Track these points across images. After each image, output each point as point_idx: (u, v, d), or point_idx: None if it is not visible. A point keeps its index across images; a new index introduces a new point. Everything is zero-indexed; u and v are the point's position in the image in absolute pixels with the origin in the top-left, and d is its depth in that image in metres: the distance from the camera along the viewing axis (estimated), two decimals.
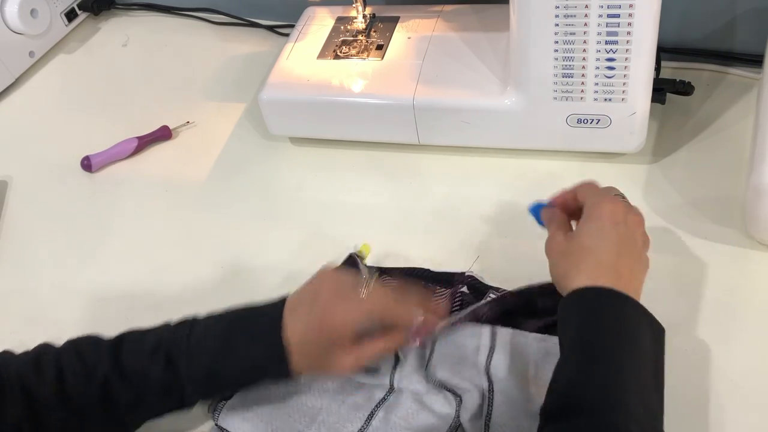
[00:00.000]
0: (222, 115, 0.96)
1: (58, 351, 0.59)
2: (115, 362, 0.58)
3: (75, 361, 0.58)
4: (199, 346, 0.58)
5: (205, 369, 0.58)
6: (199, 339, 0.59)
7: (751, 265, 0.68)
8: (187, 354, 0.58)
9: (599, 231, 0.56)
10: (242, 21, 1.11)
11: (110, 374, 0.57)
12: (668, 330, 0.64)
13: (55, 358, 0.58)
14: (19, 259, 0.83)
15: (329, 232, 0.79)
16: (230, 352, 0.58)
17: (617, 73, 0.71)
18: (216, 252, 0.79)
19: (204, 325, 0.60)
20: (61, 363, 0.58)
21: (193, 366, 0.57)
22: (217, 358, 0.58)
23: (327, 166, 0.87)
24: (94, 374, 0.57)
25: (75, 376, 0.57)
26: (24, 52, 1.08)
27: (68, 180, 0.91)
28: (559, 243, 0.58)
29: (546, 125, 0.77)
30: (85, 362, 0.58)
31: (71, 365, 0.57)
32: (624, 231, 0.56)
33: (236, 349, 0.58)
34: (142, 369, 0.58)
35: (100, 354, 0.58)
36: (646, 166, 0.79)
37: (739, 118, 0.82)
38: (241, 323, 0.60)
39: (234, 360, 0.58)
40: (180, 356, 0.58)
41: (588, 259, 0.55)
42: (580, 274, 0.54)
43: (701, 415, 0.59)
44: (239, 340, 0.58)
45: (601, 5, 0.67)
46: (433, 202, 0.80)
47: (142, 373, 0.57)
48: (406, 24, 0.90)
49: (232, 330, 0.59)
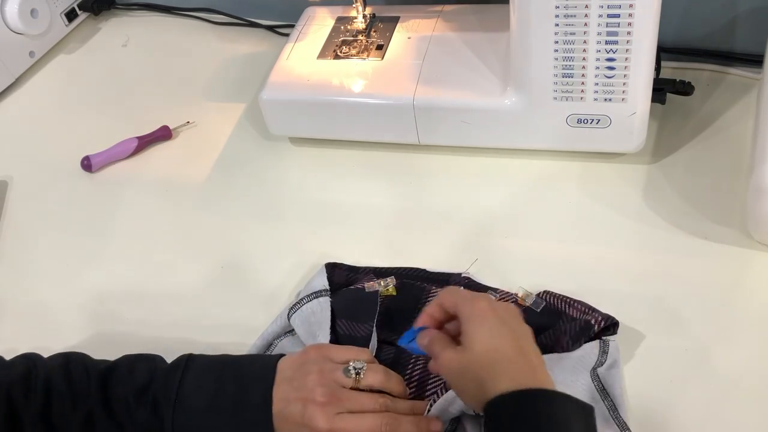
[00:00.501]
0: (222, 115, 0.96)
1: (48, 372, 0.59)
2: (103, 395, 0.58)
3: (63, 385, 0.58)
4: (187, 400, 0.58)
5: (189, 427, 0.57)
6: (188, 393, 0.58)
7: (751, 265, 0.68)
8: (174, 406, 0.57)
9: (490, 329, 0.52)
10: (242, 21, 1.11)
11: (96, 408, 0.57)
12: (668, 330, 0.65)
13: (45, 380, 0.58)
14: (19, 259, 0.83)
15: (329, 232, 0.79)
16: (217, 415, 0.57)
17: (617, 73, 0.71)
18: (216, 252, 0.79)
19: (195, 374, 0.59)
20: (50, 385, 0.58)
21: (179, 420, 0.57)
22: (204, 419, 0.57)
23: (327, 166, 0.87)
24: (80, 404, 0.57)
25: (62, 402, 0.57)
26: (24, 52, 1.08)
27: (68, 180, 0.91)
28: (453, 359, 0.53)
29: (546, 125, 0.77)
30: (73, 389, 0.58)
31: (59, 389, 0.58)
32: (513, 324, 0.53)
33: (223, 414, 0.57)
34: (128, 409, 0.57)
35: (90, 383, 0.58)
36: (646, 166, 0.79)
37: (739, 118, 0.82)
38: (232, 386, 0.58)
39: (219, 425, 0.57)
40: (167, 406, 0.57)
41: (498, 361, 0.51)
42: (498, 377, 0.50)
43: (701, 415, 0.59)
44: (228, 405, 0.58)
45: (601, 5, 0.67)
46: (433, 202, 0.80)
47: (128, 413, 0.57)
48: (406, 24, 0.90)
49: (222, 392, 0.58)
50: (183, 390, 0.58)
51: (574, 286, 0.67)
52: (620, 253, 0.71)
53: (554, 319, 0.65)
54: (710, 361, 0.62)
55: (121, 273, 0.79)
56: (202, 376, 0.59)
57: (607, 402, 0.59)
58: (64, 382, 0.58)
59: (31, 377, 0.58)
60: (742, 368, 0.61)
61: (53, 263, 0.82)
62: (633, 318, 0.64)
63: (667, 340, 0.64)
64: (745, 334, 0.63)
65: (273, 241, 0.79)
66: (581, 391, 0.60)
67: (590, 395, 0.60)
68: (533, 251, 0.73)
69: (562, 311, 0.65)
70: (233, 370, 0.60)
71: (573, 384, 0.60)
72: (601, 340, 0.61)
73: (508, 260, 0.72)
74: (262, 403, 0.57)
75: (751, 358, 0.62)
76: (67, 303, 0.77)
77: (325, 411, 0.56)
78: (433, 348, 0.56)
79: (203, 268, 0.78)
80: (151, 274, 0.78)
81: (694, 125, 0.82)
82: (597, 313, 0.63)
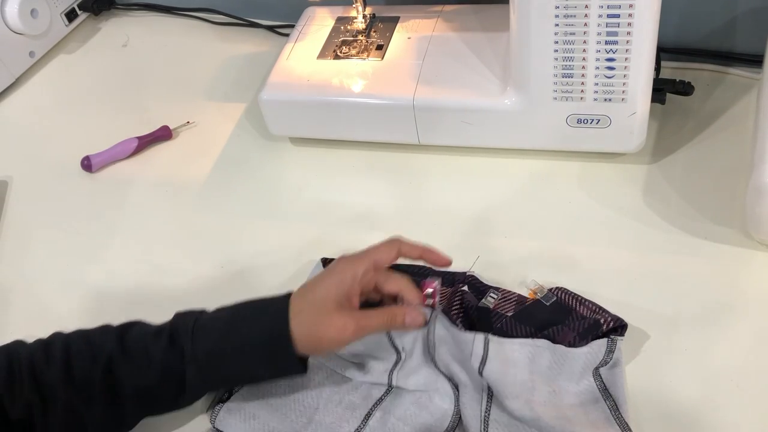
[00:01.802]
0: (222, 115, 0.96)
1: (68, 336, 0.61)
2: (120, 342, 0.59)
3: (82, 344, 0.59)
4: (204, 329, 0.59)
5: (208, 349, 0.58)
6: (205, 323, 0.60)
7: (751, 265, 0.68)
8: (191, 336, 0.59)
9: None
10: (242, 21, 1.11)
11: (114, 352, 0.58)
12: (668, 330, 0.65)
13: (64, 343, 0.59)
14: (19, 259, 0.83)
15: (329, 232, 0.79)
16: (234, 332, 0.59)
17: (617, 73, 0.71)
18: (216, 252, 0.79)
19: (212, 313, 0.61)
20: (69, 346, 0.59)
21: (197, 346, 0.58)
22: (221, 339, 0.58)
23: (327, 166, 0.87)
24: (99, 354, 0.58)
25: (81, 357, 0.58)
26: (24, 52, 1.08)
27: (68, 180, 0.91)
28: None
29: (546, 125, 0.77)
30: (92, 344, 0.59)
31: (78, 348, 0.59)
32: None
33: (240, 329, 0.59)
34: (146, 347, 0.58)
35: (107, 336, 0.60)
36: (646, 166, 0.79)
37: (739, 118, 0.82)
38: (248, 308, 0.61)
39: (237, 339, 0.58)
40: (185, 337, 0.58)
41: None
42: None
43: (701, 415, 0.59)
44: (244, 321, 0.59)
45: (601, 5, 0.67)
46: (433, 202, 0.80)
47: (145, 351, 0.58)
48: (406, 24, 0.90)
49: (238, 313, 0.60)
50: (199, 322, 0.60)
51: (574, 286, 0.67)
52: (620, 253, 0.71)
53: (563, 315, 0.65)
54: (710, 361, 0.62)
55: (121, 273, 0.79)
56: (218, 311, 0.61)
57: (609, 402, 0.59)
58: (83, 340, 0.60)
59: (50, 345, 0.59)
60: (742, 368, 0.61)
61: (53, 263, 0.82)
62: (633, 318, 0.64)
63: (666, 340, 0.64)
64: (744, 334, 0.63)
65: (273, 241, 0.79)
66: (584, 391, 0.60)
67: (592, 395, 0.60)
68: (533, 251, 0.73)
69: (572, 308, 0.65)
70: (249, 300, 0.62)
71: (577, 385, 0.61)
72: (609, 338, 0.61)
73: (508, 260, 0.72)
74: (280, 310, 0.59)
75: (751, 357, 0.62)
76: (67, 303, 0.77)
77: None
78: None
79: (203, 268, 0.78)
80: (151, 274, 0.78)
81: (694, 125, 0.82)
82: (606, 314, 0.63)
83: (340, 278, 0.60)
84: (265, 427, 0.61)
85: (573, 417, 0.59)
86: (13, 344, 0.60)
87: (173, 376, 0.58)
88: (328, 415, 0.62)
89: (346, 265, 0.61)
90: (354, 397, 0.63)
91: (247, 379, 0.63)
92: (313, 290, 0.60)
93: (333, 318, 0.58)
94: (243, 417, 0.62)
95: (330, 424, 0.61)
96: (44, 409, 0.57)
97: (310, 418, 0.62)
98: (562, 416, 0.58)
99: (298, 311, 0.58)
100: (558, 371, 0.61)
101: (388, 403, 0.62)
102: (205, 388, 0.61)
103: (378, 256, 0.62)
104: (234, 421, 0.62)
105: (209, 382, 0.61)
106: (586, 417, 0.59)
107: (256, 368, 0.60)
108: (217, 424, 0.62)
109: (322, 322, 0.58)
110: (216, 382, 0.61)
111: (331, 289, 0.59)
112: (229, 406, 0.63)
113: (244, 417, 0.62)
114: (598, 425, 0.58)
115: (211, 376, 0.59)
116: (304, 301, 0.59)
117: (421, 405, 0.62)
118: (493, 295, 0.68)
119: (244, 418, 0.62)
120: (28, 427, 0.56)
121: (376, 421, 0.61)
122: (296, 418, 0.62)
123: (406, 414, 0.61)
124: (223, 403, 0.63)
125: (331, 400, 0.63)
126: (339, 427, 0.61)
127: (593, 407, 0.59)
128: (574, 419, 0.58)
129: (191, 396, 0.60)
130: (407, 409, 0.61)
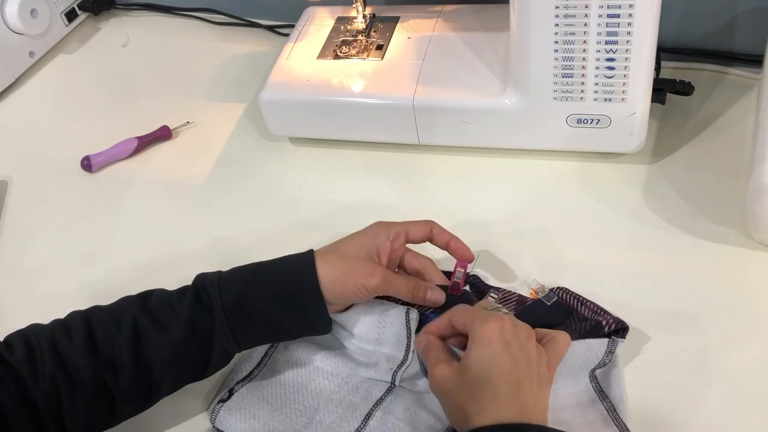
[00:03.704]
0: (222, 115, 0.96)
1: (87, 311, 0.60)
2: (144, 305, 0.59)
3: (103, 315, 0.59)
4: (231, 280, 0.60)
5: (235, 299, 0.58)
6: (230, 275, 0.60)
7: (751, 265, 0.68)
8: (217, 286, 0.59)
9: (491, 357, 0.51)
10: (242, 21, 1.11)
11: (139, 316, 0.58)
12: (668, 330, 0.65)
13: (84, 316, 0.59)
14: (19, 259, 0.83)
15: (329, 232, 0.79)
16: (262, 280, 0.59)
17: (617, 73, 0.71)
18: (216, 252, 0.79)
19: (234, 268, 0.61)
20: (90, 318, 0.59)
21: (225, 297, 0.58)
22: (249, 287, 0.59)
23: (327, 166, 0.87)
24: (122, 320, 0.58)
25: (104, 327, 0.58)
26: (24, 52, 1.08)
27: (68, 180, 0.91)
28: (447, 378, 0.53)
29: (546, 125, 0.77)
30: (114, 314, 0.59)
31: (99, 318, 0.58)
32: (517, 351, 0.52)
33: (268, 277, 0.59)
34: (171, 306, 0.59)
35: (129, 303, 0.59)
36: (646, 166, 0.79)
37: (739, 118, 0.82)
38: (273, 261, 0.61)
39: (263, 285, 0.59)
40: (211, 290, 0.59)
41: (487, 393, 0.50)
42: (483, 412, 0.49)
43: (701, 415, 0.59)
44: (273, 269, 0.60)
45: (601, 5, 0.67)
46: (432, 201, 0.80)
47: (171, 309, 0.58)
48: (406, 24, 0.90)
49: (265, 265, 0.61)
50: (224, 274, 0.60)
51: (573, 286, 0.67)
52: (620, 253, 0.71)
53: (564, 315, 0.65)
54: (710, 361, 0.62)
55: (121, 273, 0.79)
56: (238, 267, 0.62)
57: (606, 403, 0.59)
58: (103, 313, 0.59)
59: (69, 321, 0.59)
60: (742, 368, 0.61)
61: (53, 263, 0.82)
62: (632, 318, 0.64)
63: (666, 340, 0.64)
64: (744, 334, 0.63)
65: (273, 241, 0.79)
66: (581, 392, 0.60)
67: (588, 396, 0.60)
68: (533, 251, 0.73)
69: (573, 308, 0.65)
70: (272, 260, 0.62)
71: (573, 385, 0.61)
72: (611, 339, 0.61)
73: (508, 260, 0.72)
74: (307, 257, 0.60)
75: (752, 357, 0.62)
76: (67, 303, 0.77)
77: None
78: (427, 356, 0.56)
79: (203, 268, 0.77)
80: (151, 274, 0.78)
81: (694, 125, 0.82)
82: (608, 316, 0.63)
83: (374, 233, 0.62)
84: (265, 427, 0.61)
85: (569, 418, 0.59)
86: (28, 327, 0.59)
87: (201, 331, 0.58)
88: (328, 415, 0.62)
89: (381, 226, 0.63)
90: (354, 397, 0.63)
91: (275, 332, 0.61)
92: (346, 243, 0.62)
93: (363, 263, 0.60)
94: (243, 417, 0.62)
95: (330, 424, 0.61)
96: (70, 383, 0.55)
97: (311, 418, 0.62)
98: (558, 417, 0.58)
99: (326, 259, 0.60)
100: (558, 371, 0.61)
101: (388, 403, 0.62)
102: (232, 348, 0.60)
103: (412, 227, 0.64)
104: (234, 421, 0.62)
105: (238, 338, 0.59)
106: (583, 418, 0.59)
107: (283, 317, 0.59)
108: (217, 424, 0.62)
109: (350, 267, 0.59)
110: (244, 337, 0.60)
111: (365, 241, 0.61)
112: (229, 406, 0.63)
113: (244, 417, 0.62)
114: (595, 426, 0.58)
115: (240, 328, 0.59)
116: (334, 251, 0.61)
117: (421, 405, 0.62)
118: (494, 295, 0.68)
119: (244, 418, 0.62)
120: (55, 405, 0.55)
121: (376, 421, 0.61)
122: (296, 418, 0.62)
123: (406, 414, 0.61)
124: (223, 403, 0.63)
125: (331, 400, 0.63)
126: (339, 427, 0.61)
127: (590, 408, 0.59)
128: (571, 420, 0.58)
129: (218, 357, 0.59)
130: (408, 409, 0.61)
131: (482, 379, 0.51)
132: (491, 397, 0.50)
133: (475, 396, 0.51)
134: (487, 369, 0.51)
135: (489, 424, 0.49)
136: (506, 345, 0.52)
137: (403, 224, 0.64)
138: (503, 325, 0.53)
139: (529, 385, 0.51)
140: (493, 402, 0.50)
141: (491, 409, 0.49)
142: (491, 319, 0.53)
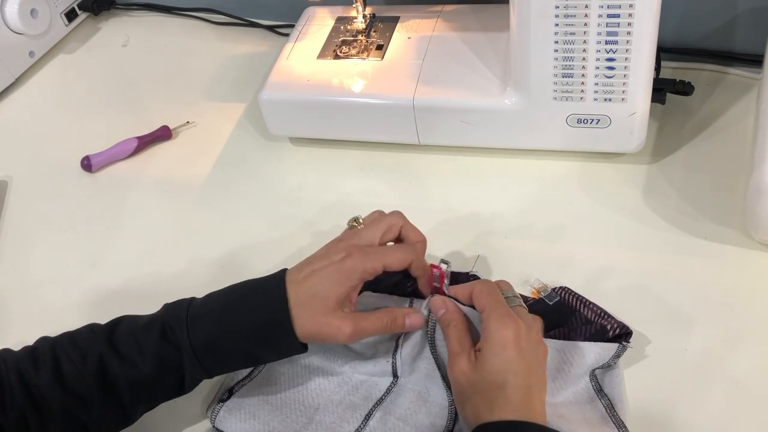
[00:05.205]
0: (222, 115, 0.96)
1: (54, 340, 0.59)
2: (109, 340, 0.58)
3: (70, 346, 0.58)
4: (198, 314, 0.58)
5: (204, 335, 0.57)
6: (198, 309, 0.58)
7: (751, 265, 0.68)
8: (185, 322, 0.57)
9: (506, 364, 0.53)
10: (242, 21, 1.11)
11: (104, 352, 0.57)
12: (668, 330, 0.65)
13: (51, 347, 0.58)
14: (19, 259, 0.83)
15: (329, 232, 0.79)
16: (231, 315, 0.58)
17: (617, 73, 0.71)
18: (216, 252, 0.79)
19: (203, 299, 0.60)
20: (56, 350, 0.58)
21: (192, 333, 0.57)
22: (217, 324, 0.57)
23: (327, 166, 0.87)
24: (88, 355, 0.57)
25: (71, 360, 0.57)
26: (24, 52, 1.08)
27: (68, 180, 0.91)
28: (464, 373, 0.55)
29: (546, 125, 0.77)
30: (80, 346, 0.58)
31: (66, 351, 0.57)
32: (530, 356, 0.54)
33: (237, 312, 0.58)
34: (137, 342, 0.57)
35: (95, 336, 0.58)
36: (646, 166, 0.79)
37: (739, 118, 0.82)
38: (243, 289, 0.59)
39: (234, 323, 0.57)
40: (178, 325, 0.57)
41: (498, 399, 0.53)
42: (494, 410, 0.52)
43: (701, 415, 0.59)
44: (240, 303, 0.58)
45: (601, 5, 0.67)
46: (433, 202, 0.80)
47: (137, 345, 0.57)
48: (406, 24, 0.90)
49: (234, 295, 0.59)
50: (192, 309, 0.58)
51: (574, 286, 0.67)
52: (620, 253, 0.71)
53: (566, 315, 0.65)
54: (710, 361, 0.62)
55: (121, 273, 0.79)
56: (211, 295, 0.60)
57: (604, 401, 0.59)
58: (70, 343, 0.58)
59: (37, 350, 0.58)
60: (742, 368, 0.61)
61: (53, 263, 0.82)
62: (632, 318, 0.64)
63: (666, 340, 0.64)
64: (745, 334, 0.63)
65: (273, 241, 0.79)
66: (580, 390, 0.60)
67: (587, 394, 0.60)
68: (533, 251, 0.73)
69: (575, 309, 0.65)
70: (243, 282, 0.60)
71: (574, 384, 0.61)
72: (621, 344, 0.61)
73: (508, 260, 0.72)
74: (279, 297, 0.58)
75: (752, 357, 0.62)
76: (67, 303, 0.77)
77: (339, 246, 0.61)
78: (449, 336, 0.58)
79: (203, 268, 0.78)
80: (151, 274, 0.78)
81: (694, 125, 0.82)
82: (612, 320, 0.63)
83: (346, 276, 0.58)
84: (265, 427, 0.61)
85: (568, 414, 0.59)
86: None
87: (170, 366, 0.57)
88: (328, 415, 0.62)
89: (356, 265, 0.58)
90: (354, 397, 0.63)
91: (249, 362, 0.62)
92: (315, 283, 0.58)
93: (331, 318, 0.57)
94: (243, 417, 0.62)
95: (330, 424, 0.61)
96: (39, 416, 0.55)
97: (311, 418, 0.62)
98: (556, 413, 0.58)
99: (298, 302, 0.57)
100: (557, 371, 0.61)
101: (388, 403, 0.62)
102: (203, 377, 0.60)
103: (389, 262, 0.60)
104: (234, 420, 0.62)
105: (209, 370, 0.59)
106: (581, 415, 0.59)
107: (257, 352, 0.59)
108: (217, 424, 0.62)
109: (320, 321, 0.57)
110: (216, 369, 0.59)
111: (334, 287, 0.58)
112: (229, 406, 0.63)
113: (244, 417, 0.62)
114: (593, 423, 0.58)
115: (211, 364, 0.58)
116: (305, 292, 0.58)
117: (420, 404, 0.61)
118: None
119: (244, 418, 0.62)
120: None
121: (376, 421, 0.61)
122: (296, 418, 0.62)
123: (406, 414, 0.61)
124: (223, 403, 0.63)
125: (331, 400, 0.63)
126: (339, 427, 0.61)
127: (589, 406, 0.60)
128: (569, 417, 0.58)
129: (192, 382, 0.59)
130: (407, 408, 0.61)
131: (495, 385, 0.53)
132: (502, 402, 0.53)
133: (487, 398, 0.53)
134: (501, 375, 0.53)
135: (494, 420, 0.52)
136: (520, 352, 0.54)
137: (380, 257, 0.59)
138: (519, 332, 0.55)
139: (537, 390, 0.54)
140: (503, 407, 0.52)
141: (500, 414, 0.52)
142: (509, 324, 0.55)
